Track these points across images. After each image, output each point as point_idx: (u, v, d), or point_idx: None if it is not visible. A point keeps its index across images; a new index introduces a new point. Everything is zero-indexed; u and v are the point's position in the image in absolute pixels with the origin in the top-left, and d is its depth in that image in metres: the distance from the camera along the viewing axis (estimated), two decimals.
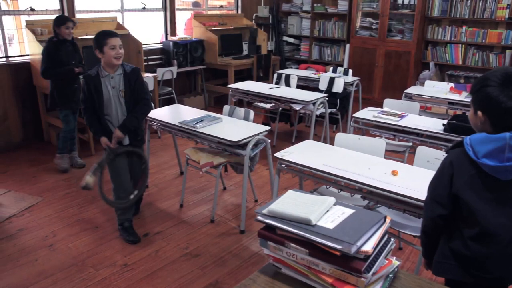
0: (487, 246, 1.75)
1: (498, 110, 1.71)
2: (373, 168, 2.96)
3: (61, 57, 4.79)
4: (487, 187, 1.75)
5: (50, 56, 4.75)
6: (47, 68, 4.76)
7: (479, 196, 1.75)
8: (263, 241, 1.51)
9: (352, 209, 1.49)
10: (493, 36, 7.31)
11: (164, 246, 3.63)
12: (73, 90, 4.97)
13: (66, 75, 4.86)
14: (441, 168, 1.89)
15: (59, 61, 4.78)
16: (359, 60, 8.33)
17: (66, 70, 4.84)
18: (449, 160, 1.85)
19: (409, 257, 3.59)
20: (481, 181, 1.75)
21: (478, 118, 1.80)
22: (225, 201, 4.45)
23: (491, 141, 1.71)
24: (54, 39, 4.80)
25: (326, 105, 5.40)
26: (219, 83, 8.02)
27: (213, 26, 7.83)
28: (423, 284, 1.51)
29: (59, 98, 4.89)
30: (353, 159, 3.13)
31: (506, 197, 1.75)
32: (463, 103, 5.22)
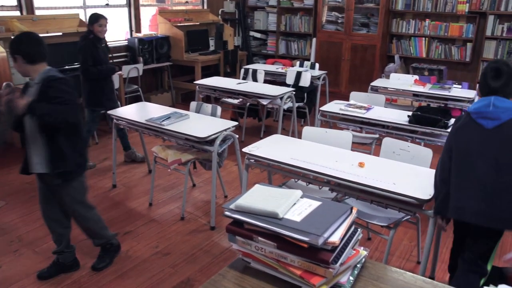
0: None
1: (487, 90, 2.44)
2: (340, 160, 2.99)
3: (99, 55, 4.70)
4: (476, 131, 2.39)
5: (91, 54, 4.64)
6: (89, 67, 4.65)
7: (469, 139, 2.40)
8: (231, 236, 1.50)
9: (319, 201, 1.50)
10: (455, 30, 7.47)
11: (134, 246, 3.58)
12: (112, 88, 4.94)
13: (108, 73, 4.78)
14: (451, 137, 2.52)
15: (98, 59, 4.69)
16: (326, 54, 8.40)
17: (108, 68, 4.77)
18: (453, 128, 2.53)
19: (378, 246, 3.65)
20: (472, 126, 2.41)
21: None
22: (195, 198, 4.43)
23: (481, 101, 2.42)
24: (91, 36, 4.69)
25: (293, 99, 5.42)
26: (186, 80, 7.95)
27: (179, 22, 7.75)
28: (391, 273, 1.54)
29: (101, 98, 4.80)
30: (321, 152, 3.16)
31: (488, 143, 2.34)
32: (427, 95, 5.32)
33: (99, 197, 4.39)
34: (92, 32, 4.71)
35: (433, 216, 2.59)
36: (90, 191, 4.44)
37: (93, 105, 4.92)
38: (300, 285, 1.39)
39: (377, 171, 2.84)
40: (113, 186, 4.61)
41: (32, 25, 5.58)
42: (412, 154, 3.14)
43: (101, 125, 6.51)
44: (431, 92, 5.28)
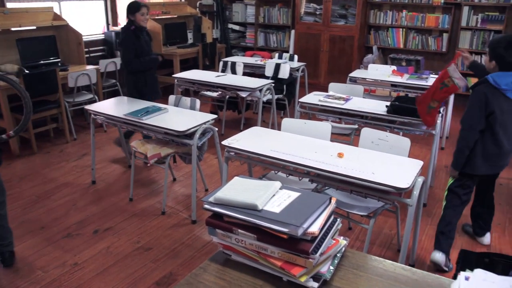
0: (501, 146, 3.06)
1: (504, 62, 2.95)
2: (319, 151, 3.00)
3: (142, 46, 4.58)
4: (506, 103, 2.95)
5: (132, 46, 4.53)
6: (131, 60, 4.54)
7: (501, 111, 2.94)
8: (211, 229, 1.50)
9: (298, 192, 1.50)
10: (431, 20, 7.55)
11: (115, 242, 3.56)
12: (155, 79, 4.83)
13: (151, 65, 4.67)
14: (477, 100, 2.97)
15: (141, 51, 4.57)
16: (305, 45, 8.41)
17: (151, 59, 4.66)
18: (482, 92, 2.95)
19: (359, 236, 3.69)
20: (502, 99, 2.94)
21: (492, 65, 3.02)
22: (175, 192, 4.41)
23: (507, 76, 2.93)
24: (132, 27, 4.56)
25: (272, 91, 5.42)
26: (164, 73, 7.87)
27: (156, 15, 7.67)
28: (371, 261, 1.55)
29: (145, 90, 4.69)
30: (300, 143, 3.17)
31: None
32: (405, 85, 5.37)
33: (78, 193, 4.34)
34: (133, 22, 4.57)
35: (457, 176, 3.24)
36: (69, 188, 4.41)
37: (137, 98, 4.74)
38: (281, 276, 1.40)
39: (356, 161, 2.86)
40: (93, 182, 4.56)
41: (4, 19, 5.46)
42: (391, 143, 3.17)
43: (79, 121, 6.44)
44: (409, 82, 5.33)
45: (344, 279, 1.43)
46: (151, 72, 4.81)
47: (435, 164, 4.59)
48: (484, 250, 3.51)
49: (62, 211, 4.01)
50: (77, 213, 3.98)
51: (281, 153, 2.96)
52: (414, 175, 2.66)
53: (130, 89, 4.78)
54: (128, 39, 4.56)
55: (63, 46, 6.23)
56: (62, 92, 5.54)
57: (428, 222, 3.90)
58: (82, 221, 3.85)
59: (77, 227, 3.75)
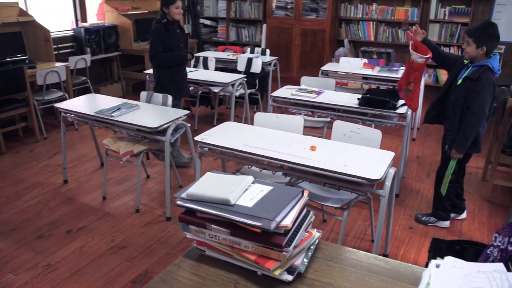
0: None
1: (495, 45, 3.27)
2: (292, 145, 3.02)
3: (171, 41, 4.44)
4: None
5: (161, 39, 4.38)
6: (158, 53, 4.40)
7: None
8: (184, 226, 1.49)
9: (270, 186, 1.50)
10: (401, 13, 7.65)
11: (89, 241, 3.51)
12: (183, 77, 4.68)
13: (178, 61, 4.53)
14: (488, 87, 3.19)
15: (170, 45, 4.43)
16: (276, 39, 8.42)
17: (178, 55, 4.51)
18: (491, 79, 3.21)
19: (333, 228, 3.72)
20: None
21: (481, 50, 3.22)
22: (149, 189, 4.38)
23: (496, 61, 3.27)
24: (164, 21, 4.40)
25: (245, 86, 5.42)
26: (136, 69, 7.80)
27: (126, 10, 7.57)
28: (344, 253, 1.57)
29: (170, 86, 4.53)
30: (273, 137, 3.18)
31: None
32: (376, 78, 5.43)
33: (50, 193, 4.27)
34: (166, 15, 4.44)
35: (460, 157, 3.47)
36: (40, 188, 4.33)
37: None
38: (255, 270, 1.40)
39: (328, 154, 2.88)
40: (64, 182, 4.49)
41: None
42: (363, 136, 3.21)
43: (49, 119, 6.32)
44: (380, 75, 5.39)
45: (319, 271, 1.44)
46: (179, 69, 4.67)
47: (407, 155, 4.67)
48: (455, 237, 3.58)
49: (34, 211, 3.93)
50: (49, 213, 3.92)
51: (254, 147, 2.96)
52: (386, 167, 2.70)
53: (156, 84, 4.67)
54: (157, 31, 4.41)
55: (30, 43, 6.10)
56: (30, 90, 5.43)
57: (401, 212, 3.97)
58: (54, 221, 3.79)
59: (49, 228, 3.69)
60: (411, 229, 3.73)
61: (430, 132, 6.00)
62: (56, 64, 5.90)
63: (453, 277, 1.27)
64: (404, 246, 3.49)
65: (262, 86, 6.26)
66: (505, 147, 4.03)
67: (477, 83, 3.21)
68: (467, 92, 3.26)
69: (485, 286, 1.21)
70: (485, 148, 4.15)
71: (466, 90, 3.28)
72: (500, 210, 4.05)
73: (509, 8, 6.96)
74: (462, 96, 3.30)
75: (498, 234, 2.02)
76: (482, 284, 1.22)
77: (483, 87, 3.19)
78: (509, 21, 6.98)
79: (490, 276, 1.25)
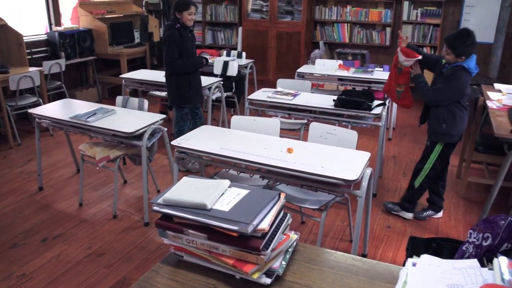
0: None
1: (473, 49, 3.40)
2: (269, 147, 3.02)
3: (186, 47, 4.34)
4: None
5: (176, 45, 4.28)
6: (175, 60, 4.30)
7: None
8: (161, 231, 1.49)
9: (247, 189, 1.51)
10: (374, 15, 7.75)
11: (65, 249, 3.46)
12: (199, 82, 4.61)
13: (197, 67, 4.45)
14: (465, 82, 3.43)
15: (185, 51, 4.34)
16: (252, 42, 8.43)
17: (196, 61, 4.43)
18: (463, 79, 3.41)
19: (312, 229, 3.74)
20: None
21: (460, 60, 3.39)
22: (127, 194, 4.34)
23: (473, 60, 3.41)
24: (177, 26, 4.29)
25: (221, 89, 5.41)
26: (112, 74, 7.72)
27: (101, 14, 7.49)
28: (323, 254, 1.58)
29: (187, 92, 4.45)
30: (250, 140, 3.18)
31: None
32: (351, 79, 5.49)
33: (24, 201, 4.20)
34: (179, 21, 4.34)
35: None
36: (15, 195, 4.25)
37: (181, 102, 4.56)
38: (234, 274, 1.40)
39: (305, 155, 2.90)
40: (40, 189, 4.42)
41: None
42: (339, 137, 3.23)
43: (23, 125, 6.22)
44: (355, 76, 5.45)
45: (297, 273, 1.45)
46: (195, 75, 4.58)
47: (383, 154, 4.72)
48: (432, 235, 3.64)
49: (8, 220, 3.86)
50: (23, 221, 3.85)
51: (231, 151, 2.96)
52: (362, 167, 2.73)
53: (173, 93, 4.57)
54: (172, 38, 4.31)
55: (2, 47, 5.99)
56: (3, 96, 5.33)
57: (378, 212, 4.01)
58: (29, 229, 3.72)
59: (24, 236, 3.62)
60: (389, 228, 3.77)
61: (405, 132, 6.08)
62: (29, 69, 5.81)
63: (429, 275, 1.29)
64: (382, 245, 3.53)
65: (239, 89, 6.27)
66: (477, 145, 4.11)
67: (450, 80, 3.43)
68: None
69: (460, 282, 1.24)
70: (459, 146, 4.22)
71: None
72: (475, 207, 4.13)
73: (478, 10, 7.12)
74: None
75: (473, 231, 2.06)
76: (458, 281, 1.25)
77: (449, 81, 3.43)
78: (478, 22, 7.14)
79: (465, 272, 1.28)
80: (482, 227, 2.02)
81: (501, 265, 1.30)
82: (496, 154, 3.99)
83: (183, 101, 4.58)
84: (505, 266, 1.30)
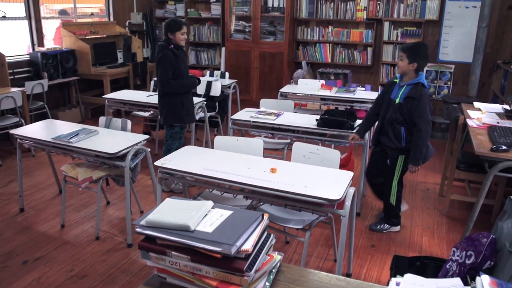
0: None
1: (425, 63, 3.65)
2: (252, 167, 3.03)
3: (180, 67, 4.34)
4: None
5: (170, 66, 4.27)
6: (169, 81, 4.29)
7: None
8: (144, 253, 1.48)
9: (230, 210, 1.51)
10: (356, 35, 7.87)
11: (46, 272, 3.40)
12: (191, 102, 4.61)
13: (191, 87, 4.49)
14: (427, 101, 3.56)
15: (179, 71, 4.34)
16: (236, 62, 8.49)
17: (191, 82, 4.45)
18: (428, 95, 3.61)
19: (296, 249, 3.74)
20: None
21: (412, 66, 3.57)
22: (110, 215, 4.29)
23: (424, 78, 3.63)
24: (171, 46, 4.29)
25: (204, 109, 5.42)
26: (95, 94, 7.69)
27: (84, 34, 7.49)
28: (306, 274, 1.58)
29: (180, 112, 4.44)
30: (233, 160, 3.18)
31: None
32: (334, 98, 5.54)
33: (5, 222, 4.13)
34: (172, 41, 4.35)
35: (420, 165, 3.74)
36: None
37: (173, 121, 4.55)
38: None
39: (288, 175, 2.91)
40: (21, 210, 4.35)
41: None
42: (322, 156, 3.26)
43: (5, 145, 6.15)
44: (338, 96, 5.51)
45: None
46: (188, 94, 4.60)
47: None
48: (415, 253, 3.66)
49: None
50: (4, 243, 3.78)
51: (215, 171, 2.96)
52: (346, 186, 2.75)
53: (166, 112, 4.56)
54: (166, 58, 4.32)
55: None
56: None
57: (362, 231, 4.03)
58: (9, 252, 3.66)
59: (4, 259, 3.56)
60: (373, 247, 3.78)
61: None
62: (11, 90, 5.77)
63: None
64: (366, 265, 3.54)
65: (222, 109, 6.29)
66: (459, 162, 4.16)
67: (419, 101, 3.55)
68: (410, 110, 3.57)
69: None
70: (441, 164, 4.28)
71: (409, 108, 3.59)
72: (458, 225, 4.17)
73: (456, 30, 7.29)
74: (403, 113, 3.62)
75: (456, 249, 2.09)
76: None
77: (424, 104, 3.55)
78: (456, 42, 7.31)
79: None
80: (465, 245, 2.05)
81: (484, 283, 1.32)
82: (477, 172, 4.05)
83: (175, 120, 4.58)
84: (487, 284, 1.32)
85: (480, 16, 6.54)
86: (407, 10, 7.45)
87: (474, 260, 1.96)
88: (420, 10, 7.37)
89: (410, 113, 3.58)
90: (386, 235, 3.96)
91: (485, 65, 6.91)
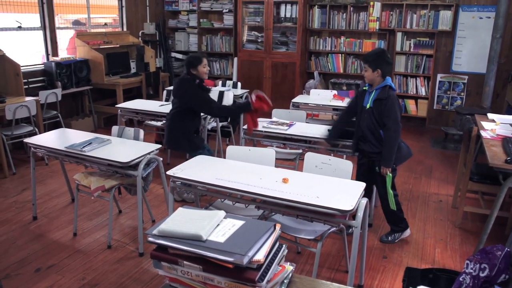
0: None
1: (388, 68, 3.71)
2: (264, 177, 3.03)
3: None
4: None
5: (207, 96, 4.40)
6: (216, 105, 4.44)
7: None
8: (156, 262, 1.48)
9: (242, 220, 1.51)
10: (368, 46, 7.86)
11: (58, 280, 3.42)
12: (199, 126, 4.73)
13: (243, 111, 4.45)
14: (397, 101, 3.66)
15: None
16: (248, 72, 8.52)
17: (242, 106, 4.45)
18: (396, 96, 3.68)
19: (308, 260, 3.71)
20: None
21: (377, 73, 3.66)
22: (122, 224, 4.31)
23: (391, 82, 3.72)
24: (197, 81, 4.35)
25: (217, 119, 5.44)
26: (107, 103, 7.77)
27: (98, 44, 7.58)
28: (318, 285, 1.57)
29: (192, 137, 4.52)
30: (245, 170, 3.19)
31: None
32: None
33: (18, 230, 4.16)
34: (196, 76, 4.38)
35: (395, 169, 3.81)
36: (8, 225, 4.22)
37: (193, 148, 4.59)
38: None
39: (300, 186, 2.90)
40: (34, 218, 4.38)
41: None
42: (334, 167, 3.25)
43: (19, 154, 6.21)
44: None
45: None
46: (199, 122, 4.72)
47: None
48: (428, 266, 3.62)
49: (1, 250, 3.81)
50: (17, 251, 3.81)
51: (227, 181, 2.96)
52: (358, 197, 2.73)
53: (177, 137, 4.56)
54: (198, 94, 4.35)
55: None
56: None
57: (374, 242, 3.99)
58: (22, 259, 3.68)
59: (17, 267, 3.58)
60: (385, 259, 3.75)
61: None
62: (26, 99, 5.83)
63: None
64: (378, 276, 3.51)
65: (234, 119, 6.30)
66: (472, 174, 4.12)
67: (387, 102, 3.63)
68: (380, 112, 3.66)
69: None
70: (454, 175, 4.24)
71: (379, 110, 3.65)
72: (471, 237, 4.12)
73: (469, 41, 7.26)
74: (376, 116, 3.68)
75: (470, 261, 2.06)
76: None
77: (392, 104, 3.62)
78: (470, 53, 7.28)
79: None
80: (479, 258, 2.02)
81: None
82: (491, 184, 4.01)
83: (194, 147, 4.56)
84: None
85: (494, 27, 6.50)
86: (420, 20, 7.44)
87: (488, 273, 1.94)
88: (433, 21, 7.36)
89: (381, 114, 3.65)
90: (398, 247, 3.93)
91: (499, 76, 6.87)
